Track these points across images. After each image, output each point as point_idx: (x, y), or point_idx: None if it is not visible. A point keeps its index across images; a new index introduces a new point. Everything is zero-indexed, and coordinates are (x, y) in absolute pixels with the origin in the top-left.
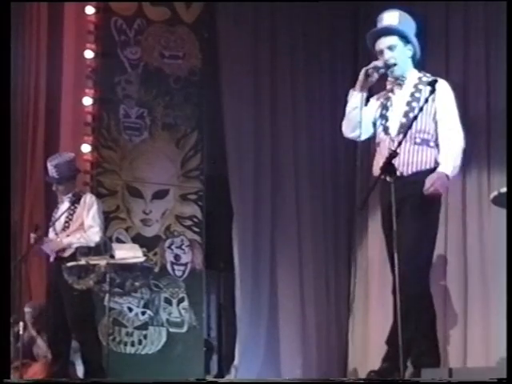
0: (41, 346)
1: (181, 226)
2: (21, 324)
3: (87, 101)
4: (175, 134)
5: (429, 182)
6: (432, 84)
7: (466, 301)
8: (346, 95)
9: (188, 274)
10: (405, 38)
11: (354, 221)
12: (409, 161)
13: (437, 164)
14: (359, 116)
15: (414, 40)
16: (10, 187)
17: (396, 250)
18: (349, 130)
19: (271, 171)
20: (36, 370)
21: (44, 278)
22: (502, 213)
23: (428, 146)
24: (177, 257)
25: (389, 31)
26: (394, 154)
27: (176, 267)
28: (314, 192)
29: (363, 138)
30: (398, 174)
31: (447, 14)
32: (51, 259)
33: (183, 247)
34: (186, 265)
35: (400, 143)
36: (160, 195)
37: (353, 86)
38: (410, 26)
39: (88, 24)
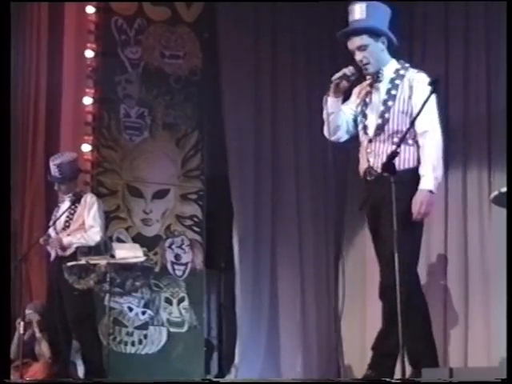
0: (43, 346)
1: (181, 225)
2: (21, 324)
3: (87, 100)
4: (176, 134)
5: (414, 207)
6: (432, 84)
7: (466, 300)
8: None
9: (188, 274)
10: (375, 33)
11: (352, 220)
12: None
13: (417, 162)
14: (336, 120)
15: (387, 30)
16: (10, 187)
17: (396, 250)
18: (328, 133)
19: (271, 171)
20: (36, 370)
21: (44, 278)
22: (503, 212)
23: (406, 144)
24: (177, 256)
25: (356, 31)
26: (394, 154)
27: (176, 267)
28: (314, 192)
29: (344, 139)
30: (377, 173)
31: (447, 14)
32: (51, 259)
33: (183, 247)
34: (186, 264)
35: (399, 144)
36: (160, 195)
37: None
38: (380, 16)
39: (88, 23)
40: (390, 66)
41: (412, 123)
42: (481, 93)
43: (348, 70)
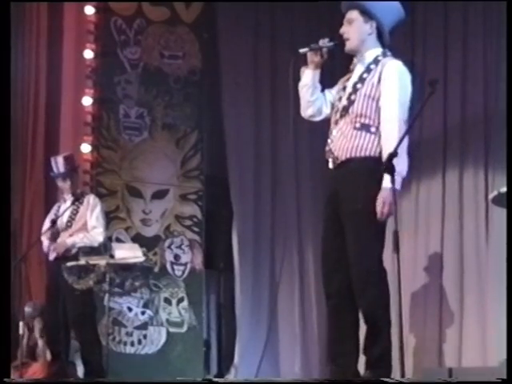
0: (41, 346)
1: (180, 225)
2: (21, 324)
3: (87, 101)
4: (175, 134)
5: (378, 208)
6: (432, 84)
7: (462, 301)
8: None
9: (188, 274)
10: (367, 13)
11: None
12: (345, 146)
13: (375, 152)
14: (309, 95)
15: (380, 19)
16: (10, 187)
17: (397, 250)
18: (301, 109)
19: (271, 171)
20: (36, 370)
21: (44, 278)
22: (499, 213)
23: (368, 131)
24: (176, 257)
25: (350, 5)
26: (394, 154)
27: (176, 267)
28: (314, 191)
29: (317, 119)
30: (335, 159)
31: (446, 14)
32: (51, 258)
33: (183, 247)
34: (185, 265)
35: (400, 142)
36: (160, 195)
37: None
38: (384, 7)
39: (88, 24)
40: (372, 53)
41: (416, 116)
42: (478, 93)
43: (322, 42)
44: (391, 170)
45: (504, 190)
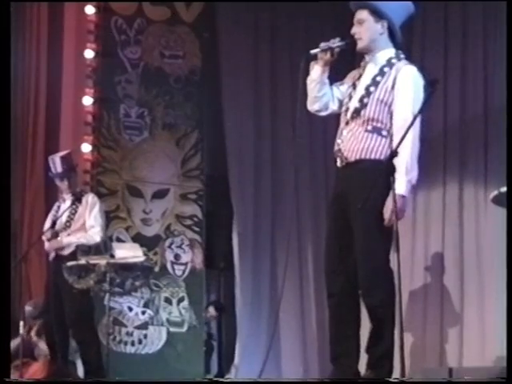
0: (40, 345)
1: (181, 225)
2: (21, 323)
3: (87, 100)
4: (175, 134)
5: (386, 214)
6: (433, 84)
7: (462, 300)
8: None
9: (188, 274)
10: (377, 13)
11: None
12: (355, 147)
13: (385, 155)
14: (316, 90)
15: (391, 18)
16: (10, 186)
17: (397, 250)
18: (308, 103)
19: (271, 171)
20: (36, 369)
21: (44, 278)
22: (499, 213)
23: (380, 134)
24: (177, 256)
25: (359, 5)
26: (394, 154)
27: (176, 266)
28: (314, 191)
29: (322, 113)
30: (344, 159)
31: (446, 14)
32: (50, 258)
33: (183, 247)
34: (186, 264)
35: (400, 143)
36: (160, 195)
37: None
38: (394, 6)
39: (88, 24)
40: (385, 53)
41: (414, 119)
42: (478, 92)
43: (332, 42)
44: (391, 170)
45: (504, 189)
